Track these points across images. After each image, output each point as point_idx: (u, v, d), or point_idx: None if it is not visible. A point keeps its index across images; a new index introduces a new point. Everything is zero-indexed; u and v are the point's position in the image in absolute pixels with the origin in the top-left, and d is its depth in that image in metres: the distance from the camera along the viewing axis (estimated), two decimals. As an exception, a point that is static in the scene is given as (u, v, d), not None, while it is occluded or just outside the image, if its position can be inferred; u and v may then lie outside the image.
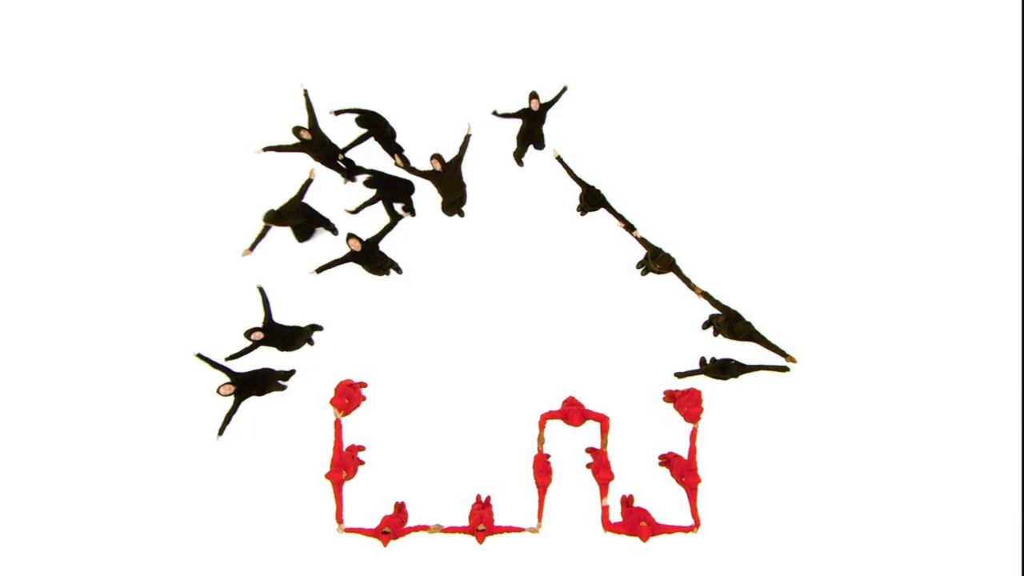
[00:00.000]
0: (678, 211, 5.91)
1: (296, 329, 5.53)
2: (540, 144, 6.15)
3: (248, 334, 5.20)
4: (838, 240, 5.89)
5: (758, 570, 5.30)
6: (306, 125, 5.61)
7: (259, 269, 5.80)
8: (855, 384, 5.61)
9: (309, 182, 5.50)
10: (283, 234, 5.92)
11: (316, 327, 5.78)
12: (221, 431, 5.18)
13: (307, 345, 5.68)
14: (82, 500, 5.51)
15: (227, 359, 5.29)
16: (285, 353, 5.53)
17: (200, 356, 5.09)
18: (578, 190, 5.70)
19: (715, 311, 5.37)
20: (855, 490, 5.43)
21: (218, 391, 5.07)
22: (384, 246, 5.69)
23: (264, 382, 5.36)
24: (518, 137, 6.10)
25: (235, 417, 5.18)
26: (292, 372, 5.67)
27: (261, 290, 5.31)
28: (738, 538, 5.33)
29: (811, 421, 5.53)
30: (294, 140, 5.58)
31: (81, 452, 5.60)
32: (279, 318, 5.41)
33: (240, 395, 5.18)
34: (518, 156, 6.25)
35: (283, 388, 5.58)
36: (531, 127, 5.99)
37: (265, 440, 5.53)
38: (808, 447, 5.47)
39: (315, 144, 5.64)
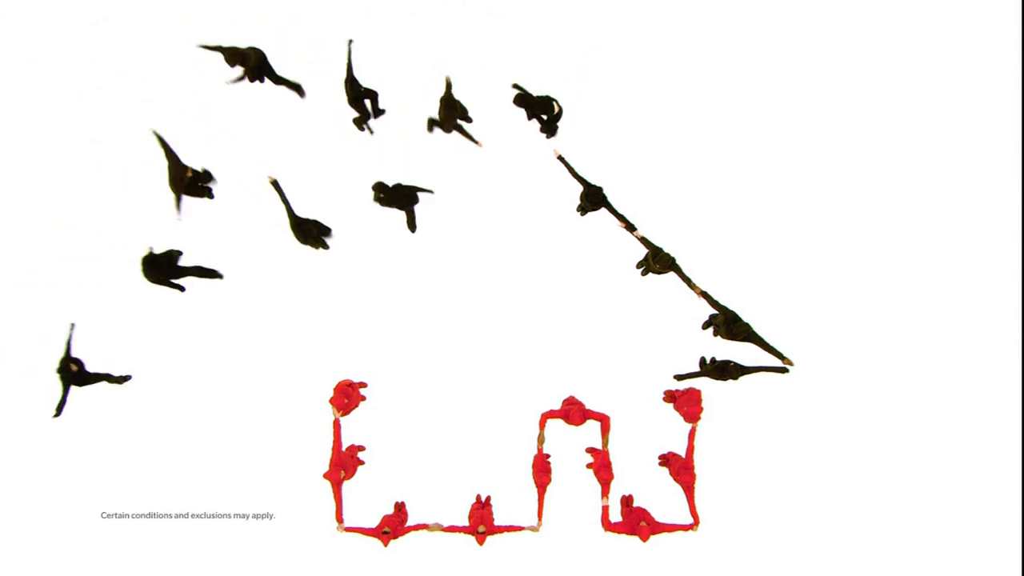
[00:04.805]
0: (678, 211, 5.90)
1: None
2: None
3: None
4: (838, 241, 5.90)
5: (758, 570, 5.35)
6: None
7: (257, 268, 5.77)
8: (854, 385, 5.63)
9: None
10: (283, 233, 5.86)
11: None
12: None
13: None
14: (79, 499, 5.48)
15: None
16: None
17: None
18: (579, 189, 5.69)
19: (714, 311, 5.39)
20: (854, 490, 5.47)
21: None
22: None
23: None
24: None
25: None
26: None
27: None
28: (738, 538, 5.37)
29: (811, 421, 5.56)
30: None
31: (78, 450, 5.55)
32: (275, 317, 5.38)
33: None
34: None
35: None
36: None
37: (264, 439, 5.51)
38: (808, 447, 5.50)
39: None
